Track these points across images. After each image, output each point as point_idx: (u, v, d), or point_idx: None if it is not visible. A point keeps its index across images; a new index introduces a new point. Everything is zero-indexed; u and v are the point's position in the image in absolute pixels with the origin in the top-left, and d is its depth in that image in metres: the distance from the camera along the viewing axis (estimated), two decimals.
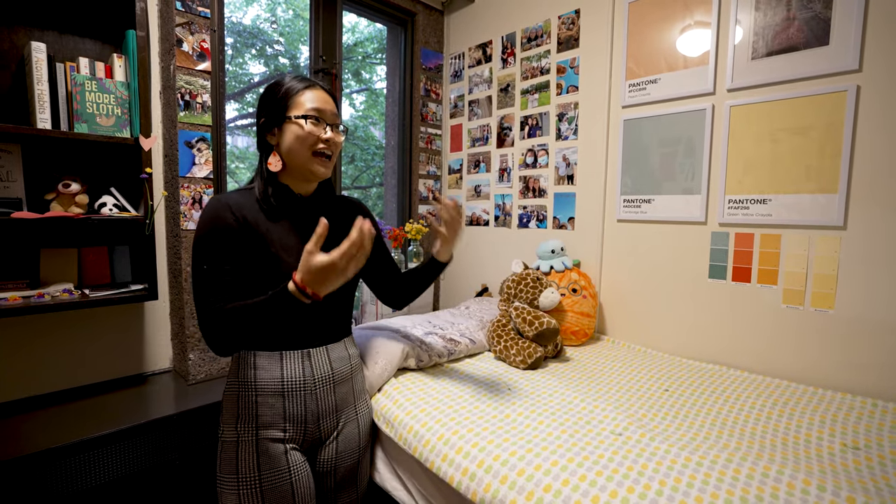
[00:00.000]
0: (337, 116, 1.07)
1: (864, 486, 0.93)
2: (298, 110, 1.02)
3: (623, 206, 1.93)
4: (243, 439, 1.02)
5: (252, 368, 1.04)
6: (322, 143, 1.02)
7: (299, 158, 1.03)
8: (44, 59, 1.30)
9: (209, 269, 0.96)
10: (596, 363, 1.67)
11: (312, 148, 1.02)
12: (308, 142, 1.01)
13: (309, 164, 1.03)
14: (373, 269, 1.28)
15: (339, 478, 1.13)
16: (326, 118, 1.03)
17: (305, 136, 1.01)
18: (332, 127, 1.05)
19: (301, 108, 1.02)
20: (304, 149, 1.02)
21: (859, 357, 1.42)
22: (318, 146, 1.02)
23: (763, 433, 1.16)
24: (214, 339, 0.94)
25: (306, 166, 1.03)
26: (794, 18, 1.47)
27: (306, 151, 1.02)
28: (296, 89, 1.03)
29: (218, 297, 0.95)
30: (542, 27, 2.19)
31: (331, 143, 1.04)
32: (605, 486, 0.93)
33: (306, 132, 1.00)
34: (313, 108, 1.02)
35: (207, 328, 0.94)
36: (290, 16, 3.93)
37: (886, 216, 1.36)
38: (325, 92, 1.06)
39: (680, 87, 1.74)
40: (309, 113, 1.01)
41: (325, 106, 1.04)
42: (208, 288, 0.95)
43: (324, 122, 1.03)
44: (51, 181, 1.40)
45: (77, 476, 1.22)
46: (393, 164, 2.70)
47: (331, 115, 1.05)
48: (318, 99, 1.03)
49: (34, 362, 1.46)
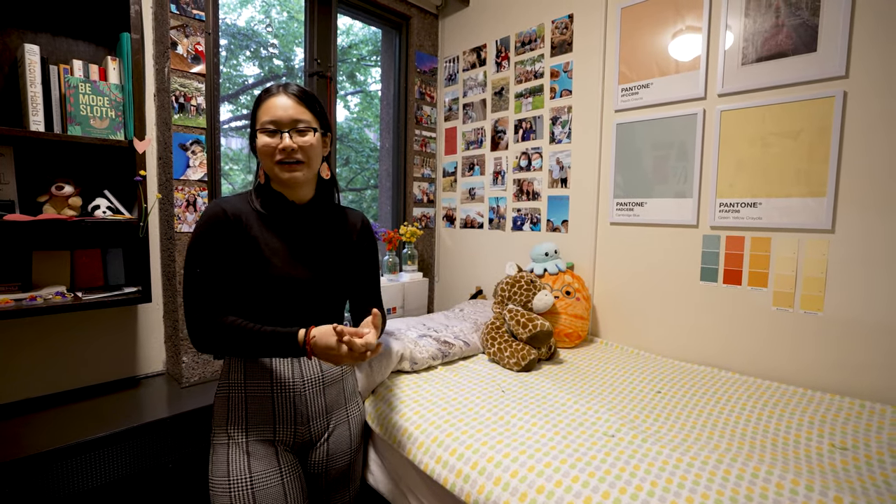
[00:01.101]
0: (298, 121, 1.03)
1: (850, 486, 0.94)
2: (258, 123, 1.04)
3: (616, 210, 1.95)
4: (234, 441, 1.03)
5: (242, 371, 1.06)
6: (279, 152, 1.01)
7: (268, 170, 1.05)
8: (37, 62, 1.29)
9: (202, 272, 0.99)
10: (589, 365, 1.68)
11: (274, 158, 1.02)
12: (267, 153, 1.02)
13: (275, 173, 1.04)
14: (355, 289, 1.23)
15: (330, 479, 1.14)
16: (282, 126, 1.02)
17: (262, 148, 1.02)
18: (292, 132, 1.02)
19: (259, 120, 1.04)
20: (267, 160, 1.03)
21: (848, 359, 1.44)
22: (277, 156, 1.02)
23: (753, 434, 1.18)
24: (203, 345, 1.00)
25: (275, 176, 1.05)
26: (783, 25, 1.50)
27: (270, 162, 1.03)
28: (258, 102, 1.05)
29: (210, 302, 0.99)
30: (535, 31, 2.21)
31: (288, 150, 1.01)
32: (597, 486, 0.94)
33: (261, 145, 1.02)
34: (268, 121, 1.02)
35: (198, 333, 0.99)
36: (284, 18, 3.93)
37: (873, 219, 1.38)
38: (286, 96, 1.03)
39: (672, 92, 1.76)
40: (264, 126, 1.02)
41: (282, 113, 1.02)
42: (201, 291, 0.99)
43: (279, 131, 1.02)
44: (44, 183, 1.39)
45: (70, 479, 1.22)
46: (388, 167, 2.71)
47: (288, 121, 1.02)
48: (274, 108, 1.02)
49: (27, 365, 1.45)
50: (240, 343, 0.98)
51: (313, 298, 1.10)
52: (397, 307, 2.34)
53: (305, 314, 1.09)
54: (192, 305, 0.99)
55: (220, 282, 1.00)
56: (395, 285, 2.33)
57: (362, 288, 1.23)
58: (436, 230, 2.79)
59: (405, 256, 2.48)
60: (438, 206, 2.78)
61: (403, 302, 2.37)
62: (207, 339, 0.99)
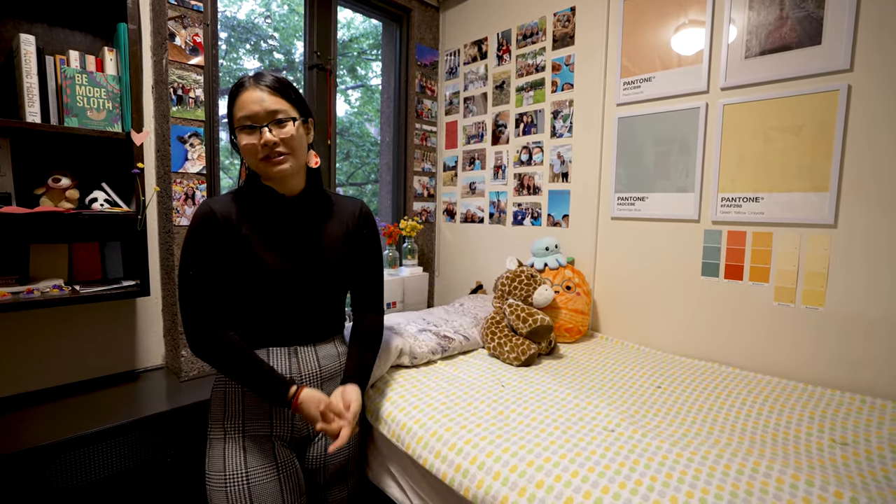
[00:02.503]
0: (275, 112, 0.99)
1: (851, 481, 0.94)
2: (235, 121, 1.01)
3: (617, 204, 1.94)
4: (230, 436, 1.02)
5: None
6: (261, 149, 0.99)
7: (254, 167, 1.04)
8: (33, 52, 1.28)
9: (195, 274, 0.99)
10: (589, 360, 1.68)
11: (258, 156, 1.00)
12: (251, 152, 1.00)
13: (262, 169, 1.03)
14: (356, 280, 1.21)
15: (328, 474, 1.13)
16: (260, 120, 0.98)
17: (245, 147, 1.00)
18: (271, 125, 0.99)
19: (235, 117, 1.01)
20: (252, 159, 1.01)
21: (849, 354, 1.43)
22: (260, 154, 1.00)
23: (754, 429, 1.17)
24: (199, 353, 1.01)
25: (262, 171, 1.04)
26: (787, 18, 1.48)
27: (255, 160, 1.01)
28: (231, 97, 1.02)
29: (206, 308, 0.99)
30: (537, 24, 2.19)
31: (270, 145, 0.98)
32: (596, 481, 0.94)
33: (243, 144, 1.00)
34: (244, 116, 0.98)
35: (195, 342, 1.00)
36: (285, 11, 3.90)
37: (875, 214, 1.37)
38: (259, 89, 0.99)
39: (674, 86, 1.75)
40: (242, 124, 0.99)
41: (258, 108, 0.98)
42: (196, 295, 0.99)
43: (257, 126, 0.99)
44: (41, 176, 1.38)
45: (69, 473, 1.21)
46: (388, 161, 2.70)
47: (265, 114, 0.98)
48: (249, 102, 0.98)
49: (24, 359, 1.45)
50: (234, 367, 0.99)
51: (311, 293, 1.08)
52: (397, 301, 2.34)
53: (303, 310, 1.08)
54: (189, 311, 0.99)
55: (215, 284, 1.00)
56: (395, 280, 2.33)
57: (363, 280, 1.20)
58: (436, 224, 2.78)
59: (405, 251, 2.48)
60: (439, 201, 2.77)
61: (403, 296, 2.37)
62: (204, 350, 1.00)
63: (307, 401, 0.99)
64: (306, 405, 0.99)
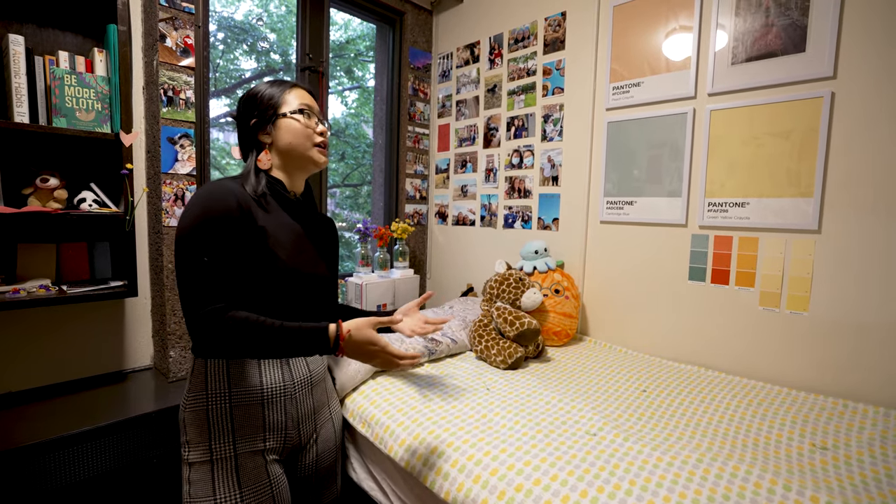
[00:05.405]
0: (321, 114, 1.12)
1: (828, 486, 0.95)
2: (290, 107, 1.05)
3: (606, 208, 1.95)
4: (218, 458, 0.94)
5: (225, 378, 0.96)
6: (318, 135, 1.07)
7: (300, 150, 1.05)
8: (22, 52, 1.28)
9: (210, 261, 0.87)
10: (576, 364, 1.68)
11: (311, 139, 1.06)
12: (306, 134, 1.05)
13: (311, 154, 1.07)
14: None
15: (320, 477, 1.13)
16: (315, 113, 1.09)
17: (302, 129, 1.05)
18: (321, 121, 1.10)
19: (292, 104, 1.06)
20: (304, 141, 1.05)
21: (832, 359, 1.44)
22: (317, 138, 1.07)
23: (735, 433, 1.18)
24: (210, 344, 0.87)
25: (308, 157, 1.07)
26: (773, 25, 1.49)
27: (307, 143, 1.06)
28: (283, 88, 1.08)
29: (218, 295, 0.87)
30: (528, 28, 2.20)
31: (325, 136, 1.09)
32: (575, 485, 0.94)
33: (303, 125, 1.05)
34: (305, 104, 1.07)
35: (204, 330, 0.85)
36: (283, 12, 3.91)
37: (858, 219, 1.38)
38: (308, 93, 1.11)
39: (663, 91, 1.76)
40: (302, 108, 1.06)
41: (313, 104, 1.10)
42: (207, 283, 0.86)
43: (314, 116, 1.08)
44: (29, 175, 1.38)
45: (55, 473, 1.21)
46: (381, 163, 2.70)
47: (317, 111, 1.10)
48: (306, 97, 1.09)
49: (12, 358, 1.45)
50: (256, 341, 0.86)
51: (318, 292, 1.08)
52: (387, 304, 2.34)
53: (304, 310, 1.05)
54: (196, 298, 0.86)
55: (228, 274, 0.90)
56: (386, 282, 2.33)
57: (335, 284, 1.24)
58: (428, 227, 2.79)
59: (396, 253, 2.48)
60: (431, 203, 2.77)
61: (394, 299, 2.37)
62: (216, 338, 0.85)
63: (356, 328, 0.91)
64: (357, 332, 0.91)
